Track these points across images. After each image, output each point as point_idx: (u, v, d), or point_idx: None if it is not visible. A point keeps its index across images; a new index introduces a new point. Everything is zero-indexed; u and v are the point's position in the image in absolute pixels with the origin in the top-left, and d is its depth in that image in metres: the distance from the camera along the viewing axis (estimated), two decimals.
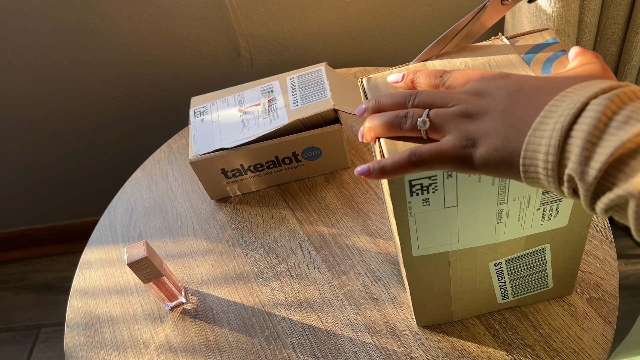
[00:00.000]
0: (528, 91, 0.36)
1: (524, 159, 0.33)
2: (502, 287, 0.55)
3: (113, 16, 0.96)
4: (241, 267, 0.70)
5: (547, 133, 0.32)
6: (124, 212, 0.81)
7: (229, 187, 0.77)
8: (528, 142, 0.33)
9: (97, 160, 1.22)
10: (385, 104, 0.42)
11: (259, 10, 0.96)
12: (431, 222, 0.45)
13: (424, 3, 0.96)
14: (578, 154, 0.30)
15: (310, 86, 0.74)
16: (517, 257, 0.51)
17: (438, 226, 0.46)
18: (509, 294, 0.56)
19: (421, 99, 0.40)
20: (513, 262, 0.52)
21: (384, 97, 0.42)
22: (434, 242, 0.48)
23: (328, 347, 0.60)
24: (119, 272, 0.74)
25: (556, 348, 0.56)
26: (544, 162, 0.32)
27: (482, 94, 0.37)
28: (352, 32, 1.01)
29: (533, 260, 0.52)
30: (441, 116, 0.38)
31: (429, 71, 0.43)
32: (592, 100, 0.31)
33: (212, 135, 0.74)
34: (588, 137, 0.30)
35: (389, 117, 0.40)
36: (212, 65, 1.04)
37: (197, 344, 0.64)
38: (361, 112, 0.43)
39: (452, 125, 0.37)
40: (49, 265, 1.47)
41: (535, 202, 0.45)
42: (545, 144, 0.32)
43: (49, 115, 1.12)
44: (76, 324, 0.69)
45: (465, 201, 0.44)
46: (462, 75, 0.40)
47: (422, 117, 0.38)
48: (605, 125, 0.30)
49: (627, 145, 0.29)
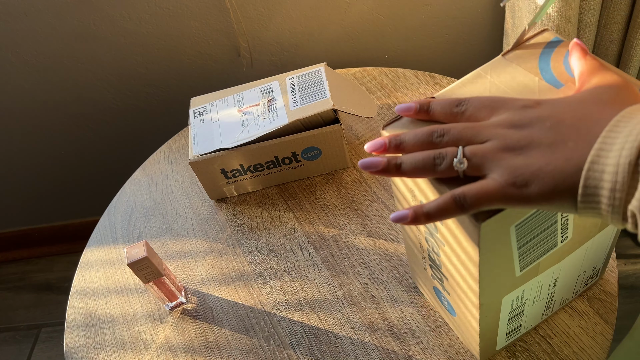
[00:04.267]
0: (571, 122, 0.34)
1: (584, 195, 0.32)
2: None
3: (113, 16, 0.96)
4: (241, 267, 0.70)
5: (609, 168, 0.31)
6: (123, 212, 0.81)
7: (229, 188, 0.77)
8: (587, 177, 0.31)
9: (97, 160, 1.22)
10: (409, 143, 0.38)
11: (259, 10, 0.96)
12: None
13: (424, 3, 0.96)
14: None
15: (310, 86, 0.75)
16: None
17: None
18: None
19: (451, 136, 0.36)
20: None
21: (407, 135, 0.38)
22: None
23: (328, 347, 0.60)
24: (118, 272, 0.74)
25: (555, 348, 0.56)
26: (609, 198, 0.31)
27: (520, 125, 0.35)
28: (352, 32, 1.01)
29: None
30: (480, 154, 0.35)
31: (443, 100, 0.39)
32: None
33: (211, 135, 0.74)
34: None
35: (420, 159, 0.36)
36: (212, 66, 1.04)
37: (197, 344, 0.64)
38: (378, 147, 0.39)
39: (494, 163, 0.34)
40: (49, 265, 1.47)
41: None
42: (610, 179, 0.31)
43: (49, 115, 1.12)
44: (76, 324, 0.69)
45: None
46: (482, 104, 0.37)
47: (458, 156, 0.35)
48: None
49: None
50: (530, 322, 0.55)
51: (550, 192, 0.33)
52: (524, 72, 0.42)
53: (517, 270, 0.44)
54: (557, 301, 0.55)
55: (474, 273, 0.41)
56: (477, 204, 0.34)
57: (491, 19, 1.00)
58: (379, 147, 0.39)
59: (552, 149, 0.33)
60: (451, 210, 0.35)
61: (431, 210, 0.36)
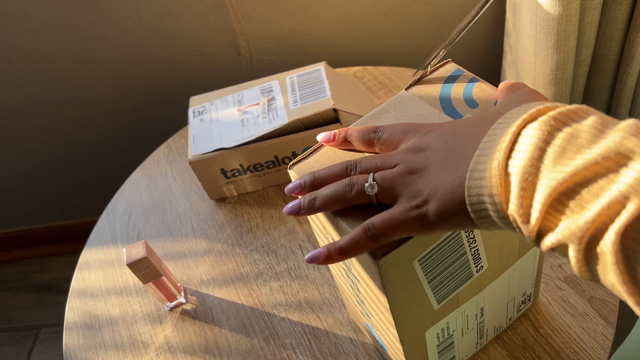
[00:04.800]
0: (463, 133, 0.34)
1: (471, 205, 0.31)
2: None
3: (113, 16, 0.96)
4: (241, 268, 0.70)
5: (486, 173, 0.30)
6: (123, 212, 0.81)
7: (228, 187, 0.77)
8: (469, 186, 0.31)
9: (96, 160, 1.22)
10: (325, 177, 0.38)
11: (258, 10, 0.95)
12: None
13: (424, 3, 0.96)
14: (516, 195, 0.29)
15: (310, 86, 0.74)
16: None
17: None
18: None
19: (363, 166, 0.37)
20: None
21: (322, 171, 0.39)
22: None
23: (328, 347, 0.60)
24: (118, 272, 0.74)
25: (556, 348, 0.55)
26: (492, 204, 0.30)
27: (421, 148, 0.36)
28: (352, 32, 1.01)
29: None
30: (388, 178, 0.35)
31: (361, 127, 0.40)
32: (522, 130, 0.30)
33: (211, 135, 0.74)
34: (523, 176, 0.29)
35: (333, 189, 0.37)
36: (212, 65, 1.04)
37: (197, 345, 0.64)
38: (295, 189, 0.39)
39: (402, 186, 0.35)
40: (48, 265, 1.47)
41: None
42: (487, 185, 0.30)
43: (48, 114, 1.12)
44: (75, 325, 0.69)
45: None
46: (396, 130, 0.38)
47: (369, 181, 0.36)
48: (540, 159, 0.28)
49: (564, 185, 0.27)
50: (465, 352, 0.54)
51: (444, 210, 0.33)
52: (426, 105, 0.43)
53: (434, 304, 0.43)
54: (489, 329, 0.54)
55: (388, 309, 0.41)
56: (387, 232, 0.34)
57: (491, 19, 0.99)
58: (296, 189, 0.39)
59: (443, 167, 0.34)
60: (363, 242, 0.35)
61: (344, 245, 0.36)
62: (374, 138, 0.39)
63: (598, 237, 0.26)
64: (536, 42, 0.79)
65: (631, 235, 0.25)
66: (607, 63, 0.83)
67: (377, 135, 0.39)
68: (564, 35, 0.75)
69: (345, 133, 0.41)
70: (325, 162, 0.41)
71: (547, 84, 0.82)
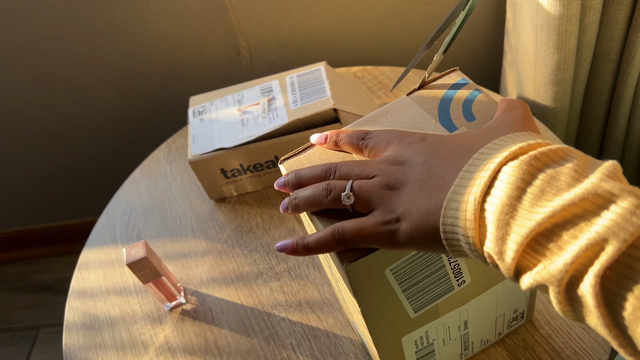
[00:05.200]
0: (445, 154, 0.34)
1: (445, 233, 0.31)
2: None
3: (113, 16, 0.95)
4: (241, 268, 0.70)
5: (462, 205, 0.30)
6: (122, 212, 0.81)
7: (228, 187, 0.77)
8: (444, 215, 0.31)
9: (95, 160, 1.22)
10: (306, 178, 0.40)
11: (258, 9, 0.95)
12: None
13: (424, 2, 0.96)
14: (493, 232, 0.29)
15: (310, 85, 0.74)
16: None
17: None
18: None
19: (341, 172, 0.38)
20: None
21: (304, 171, 0.40)
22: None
23: (328, 347, 0.60)
24: (117, 272, 0.73)
25: (557, 348, 0.55)
26: (464, 236, 0.30)
27: (400, 162, 0.36)
28: (352, 32, 1.00)
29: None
30: (365, 189, 0.36)
31: (352, 131, 0.41)
32: (503, 166, 0.30)
33: (211, 134, 0.73)
34: (501, 215, 0.28)
35: (311, 192, 0.38)
36: (212, 65, 1.04)
37: (197, 345, 0.64)
38: (281, 186, 0.41)
39: (377, 200, 0.35)
40: (47, 265, 1.47)
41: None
42: (462, 217, 0.30)
43: (47, 114, 1.12)
44: (75, 325, 0.69)
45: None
46: (382, 138, 0.39)
47: (346, 190, 0.36)
48: (519, 198, 0.28)
49: (542, 226, 0.27)
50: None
51: (415, 233, 0.33)
52: (424, 113, 0.43)
53: (410, 313, 0.43)
54: (475, 342, 0.53)
55: (360, 312, 0.41)
56: (354, 239, 0.35)
57: (492, 19, 0.99)
58: (281, 186, 0.41)
59: (420, 186, 0.33)
60: (330, 244, 0.36)
61: (311, 242, 0.37)
62: (362, 145, 0.40)
63: (578, 280, 0.26)
64: (537, 41, 0.79)
65: (611, 278, 0.25)
66: (608, 63, 0.83)
67: (365, 142, 0.40)
68: (564, 35, 0.75)
69: (337, 137, 0.41)
70: (316, 161, 0.42)
71: (547, 83, 0.82)
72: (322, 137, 0.42)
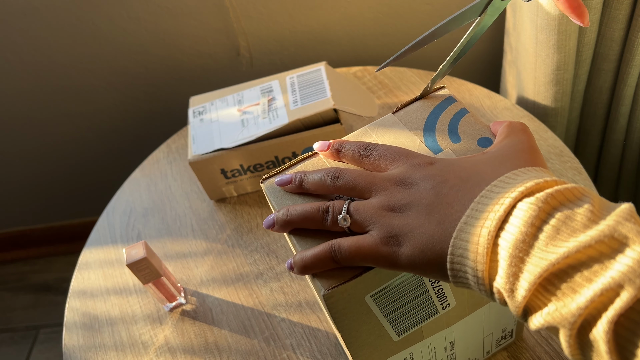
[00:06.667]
0: (454, 183, 0.33)
1: (452, 263, 0.31)
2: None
3: (113, 16, 0.95)
4: (241, 268, 0.70)
5: (474, 238, 0.30)
6: (122, 212, 0.81)
7: (228, 188, 0.77)
8: (454, 245, 0.31)
9: (95, 160, 1.22)
10: (308, 181, 0.39)
11: (258, 9, 0.95)
12: None
13: (424, 2, 0.96)
14: (505, 269, 0.28)
15: (310, 86, 0.74)
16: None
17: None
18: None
19: (345, 180, 0.37)
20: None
21: (309, 174, 0.39)
22: None
23: (328, 348, 0.60)
24: (117, 272, 0.73)
25: (557, 348, 0.55)
26: (473, 269, 0.30)
27: (407, 183, 0.35)
28: (352, 32, 1.00)
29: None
30: (361, 211, 0.35)
31: (354, 142, 0.40)
32: (518, 202, 0.29)
33: (211, 135, 0.73)
34: (515, 252, 0.28)
35: (309, 211, 0.37)
36: (212, 65, 1.04)
37: (197, 345, 0.64)
38: (285, 182, 0.40)
39: (374, 220, 0.34)
40: (47, 265, 1.47)
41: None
42: (473, 250, 0.30)
43: (47, 114, 1.11)
44: (75, 325, 0.69)
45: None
46: (386, 153, 0.38)
47: (342, 213, 0.35)
48: (534, 236, 0.28)
49: (556, 267, 0.27)
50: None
51: (418, 257, 0.32)
52: (409, 133, 0.42)
53: (393, 336, 0.42)
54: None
55: (341, 337, 0.41)
56: (351, 258, 0.34)
57: None
58: (286, 182, 0.40)
59: (428, 211, 0.33)
60: (326, 261, 0.35)
61: (307, 259, 0.36)
62: (364, 155, 0.39)
63: (590, 324, 0.26)
64: (537, 41, 0.79)
65: (624, 324, 0.25)
66: (608, 63, 0.83)
67: (367, 152, 0.39)
68: (564, 34, 0.75)
69: (339, 145, 0.41)
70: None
71: (547, 83, 0.82)
72: (324, 144, 0.42)
